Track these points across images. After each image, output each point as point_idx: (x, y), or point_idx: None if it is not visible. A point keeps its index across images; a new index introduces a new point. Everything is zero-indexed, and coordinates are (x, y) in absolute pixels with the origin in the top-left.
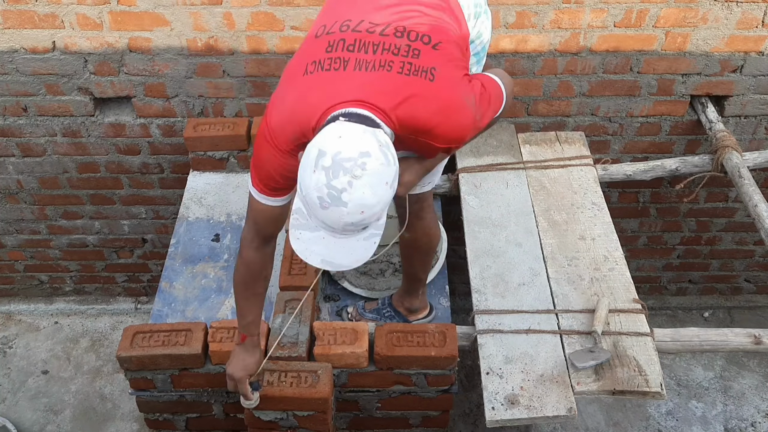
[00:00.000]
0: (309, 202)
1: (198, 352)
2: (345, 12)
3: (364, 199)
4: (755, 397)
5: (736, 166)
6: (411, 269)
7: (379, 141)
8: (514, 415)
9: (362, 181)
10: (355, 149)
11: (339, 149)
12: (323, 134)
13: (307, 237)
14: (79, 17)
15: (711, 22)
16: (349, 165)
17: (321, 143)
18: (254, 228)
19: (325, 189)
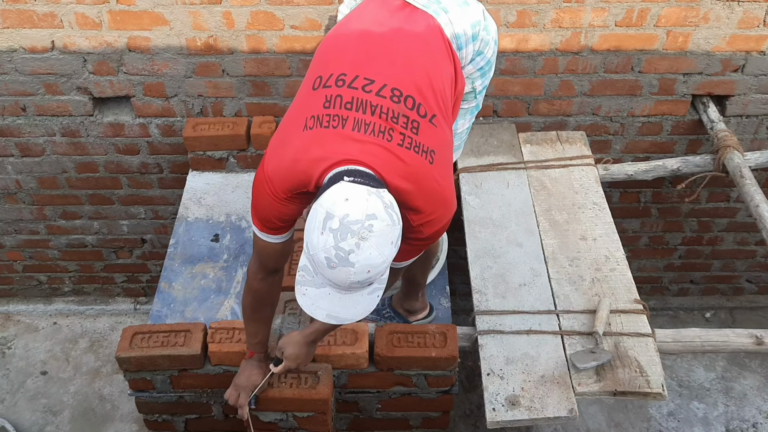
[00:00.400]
0: (316, 261)
1: (197, 352)
2: (339, 63)
3: (371, 259)
4: (757, 398)
5: (737, 166)
6: (409, 274)
7: (384, 202)
8: (515, 416)
9: (369, 243)
10: (362, 212)
11: (347, 212)
12: (330, 196)
13: (313, 293)
14: (78, 16)
15: (712, 21)
16: (356, 228)
17: (329, 206)
18: (258, 261)
19: (333, 250)
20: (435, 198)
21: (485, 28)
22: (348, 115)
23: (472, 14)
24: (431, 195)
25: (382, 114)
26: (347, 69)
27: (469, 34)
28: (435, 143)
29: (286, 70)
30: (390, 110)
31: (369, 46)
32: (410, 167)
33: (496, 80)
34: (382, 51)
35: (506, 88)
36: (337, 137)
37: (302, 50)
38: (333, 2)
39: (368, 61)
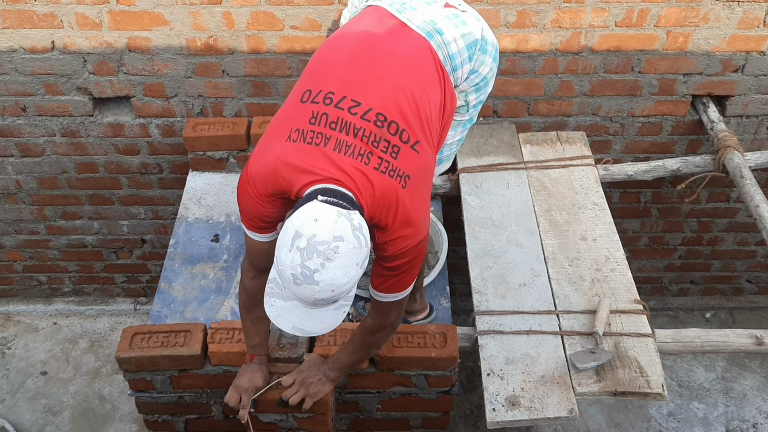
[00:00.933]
0: (284, 276)
1: (197, 353)
2: (329, 80)
3: (335, 279)
4: (757, 398)
5: (737, 167)
6: None
7: (353, 225)
8: (515, 417)
9: (334, 264)
10: (329, 233)
11: (314, 232)
12: (301, 214)
13: (281, 305)
14: (78, 17)
15: (712, 21)
16: (322, 248)
17: (298, 224)
18: (248, 259)
19: (299, 268)
20: (401, 217)
21: (482, 47)
22: (331, 135)
23: (469, 35)
24: (398, 217)
25: (364, 137)
26: (336, 87)
27: (465, 55)
28: (413, 169)
29: (286, 70)
30: (372, 134)
31: (359, 65)
32: (378, 191)
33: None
34: (372, 73)
35: (506, 89)
36: (319, 154)
37: (302, 50)
38: (333, 2)
39: (356, 82)
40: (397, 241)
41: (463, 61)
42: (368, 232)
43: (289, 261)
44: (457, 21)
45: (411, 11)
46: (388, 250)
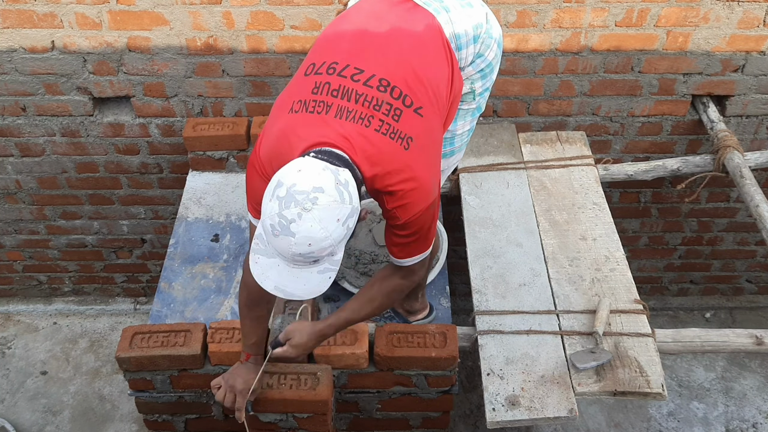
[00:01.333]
0: (264, 228)
1: (197, 352)
2: (333, 52)
3: (312, 231)
4: (757, 398)
5: (737, 166)
6: None
7: (338, 179)
8: (515, 417)
9: (311, 215)
10: (309, 184)
11: (295, 181)
12: (286, 166)
13: (264, 262)
14: (78, 16)
15: (712, 21)
16: (300, 198)
17: (281, 174)
18: None
19: (276, 218)
20: (406, 180)
21: (487, 30)
22: (333, 102)
23: (475, 16)
24: (404, 180)
25: (366, 102)
26: (339, 58)
27: (471, 35)
28: (416, 131)
29: (286, 70)
30: (374, 98)
31: (364, 38)
32: (378, 151)
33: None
34: (376, 44)
35: (506, 88)
36: (319, 122)
37: (302, 50)
38: (333, 2)
39: (361, 52)
40: (406, 206)
41: (468, 41)
42: (356, 191)
43: (269, 210)
44: (464, 2)
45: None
46: (400, 217)
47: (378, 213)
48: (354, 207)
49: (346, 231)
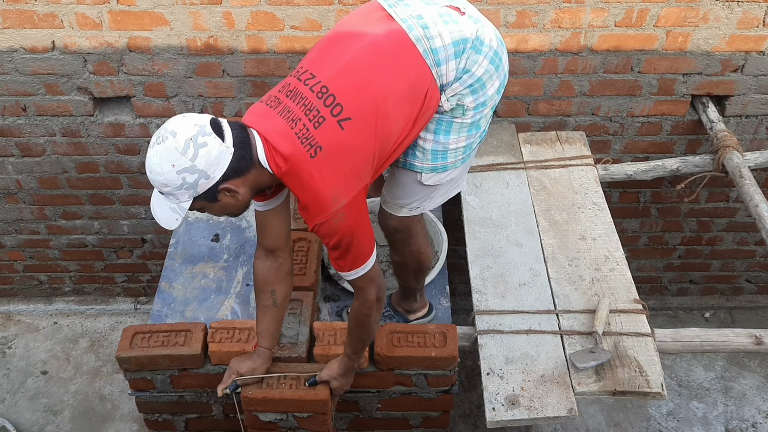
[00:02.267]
0: None
1: (197, 352)
2: (315, 58)
3: (152, 162)
4: (756, 398)
5: (737, 166)
6: (404, 283)
7: (195, 138)
8: (515, 416)
9: (156, 149)
10: (172, 126)
11: (170, 120)
12: None
13: None
14: (79, 17)
15: (712, 21)
16: (160, 133)
17: None
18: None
19: None
20: (306, 189)
21: (474, 47)
22: (284, 101)
23: (458, 32)
24: (303, 185)
25: (303, 105)
26: (306, 63)
27: (451, 51)
28: (329, 142)
29: (286, 70)
30: (311, 103)
31: (329, 46)
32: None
33: None
34: (335, 53)
35: (506, 88)
36: (267, 113)
37: (302, 50)
38: (333, 2)
39: (321, 60)
40: (312, 218)
41: (448, 56)
42: (209, 157)
43: None
44: (448, 19)
45: (403, 6)
46: (315, 230)
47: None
48: (194, 165)
49: (182, 182)
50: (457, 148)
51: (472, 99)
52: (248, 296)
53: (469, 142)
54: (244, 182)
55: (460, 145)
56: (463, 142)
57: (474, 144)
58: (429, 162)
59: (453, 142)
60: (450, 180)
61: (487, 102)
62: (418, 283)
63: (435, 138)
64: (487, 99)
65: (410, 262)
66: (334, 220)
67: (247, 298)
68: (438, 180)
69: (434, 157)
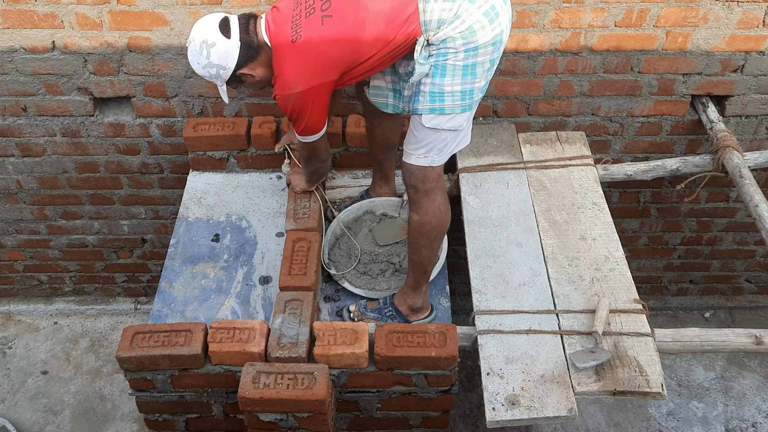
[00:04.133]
0: None
1: (198, 352)
2: None
3: (190, 62)
4: (756, 398)
5: (737, 166)
6: (417, 257)
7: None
8: (515, 416)
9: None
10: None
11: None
12: None
13: None
14: (79, 17)
15: (712, 21)
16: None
17: None
18: None
19: None
20: (278, 66)
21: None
22: None
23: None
24: (277, 63)
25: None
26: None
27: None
28: (309, 33)
29: None
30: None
31: None
32: (277, 32)
33: (495, 80)
34: None
35: (506, 89)
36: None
37: None
38: None
39: None
40: (275, 90)
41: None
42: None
43: None
44: None
45: None
46: (275, 98)
47: (378, 213)
48: (210, 62)
49: (209, 73)
50: (453, 91)
51: (462, 42)
52: (248, 296)
53: (465, 88)
54: (258, 64)
55: (456, 89)
56: (459, 87)
57: (472, 92)
58: (428, 104)
59: (448, 84)
60: (452, 129)
61: (479, 48)
62: (430, 259)
63: (432, 81)
64: (478, 46)
65: (430, 221)
66: (288, 99)
67: (247, 298)
68: (437, 123)
69: (432, 98)
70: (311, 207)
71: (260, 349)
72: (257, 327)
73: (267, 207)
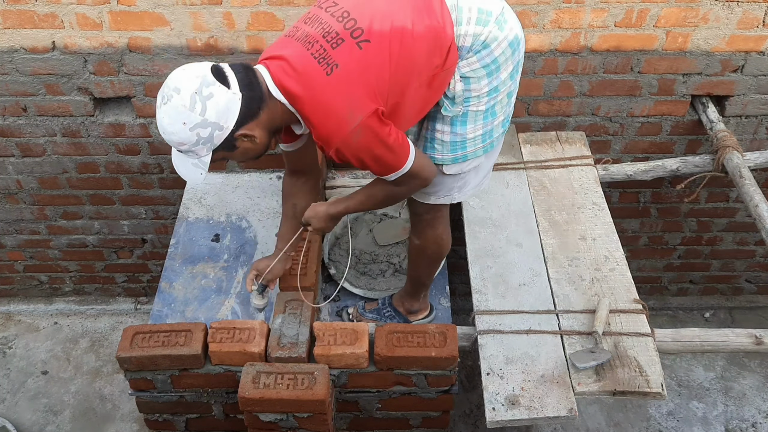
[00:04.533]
0: None
1: (198, 352)
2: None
3: (163, 123)
4: (756, 398)
5: (737, 167)
6: (415, 274)
7: (200, 90)
8: (515, 416)
9: (163, 109)
10: (174, 82)
11: (171, 76)
12: None
13: None
14: (79, 17)
15: (712, 21)
16: (164, 91)
17: None
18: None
19: None
20: (320, 108)
21: (498, 21)
22: (302, 28)
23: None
24: (317, 104)
25: (321, 29)
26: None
27: (474, 15)
28: (346, 60)
29: None
30: (329, 27)
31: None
32: (301, 74)
33: None
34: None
35: None
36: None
37: None
38: None
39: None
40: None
41: (471, 18)
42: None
43: None
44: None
45: None
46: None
47: (378, 213)
48: (206, 120)
49: (197, 138)
50: (475, 136)
51: (486, 82)
52: (248, 296)
53: (487, 130)
54: (258, 124)
55: (478, 133)
56: (481, 130)
57: (494, 132)
58: (449, 153)
59: (470, 131)
60: (474, 168)
61: (500, 87)
62: (429, 276)
63: (452, 130)
64: (500, 84)
65: (430, 246)
66: (353, 138)
67: (247, 298)
68: (459, 169)
69: (453, 148)
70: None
71: (260, 349)
72: (257, 327)
73: (267, 207)
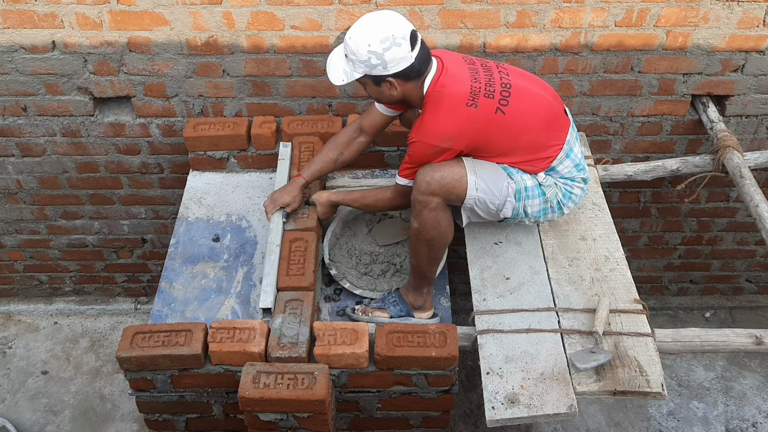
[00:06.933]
0: None
1: (198, 352)
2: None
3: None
4: (756, 398)
5: (737, 166)
6: (417, 262)
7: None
8: (514, 414)
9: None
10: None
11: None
12: None
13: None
14: (79, 16)
15: (712, 21)
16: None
17: None
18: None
19: None
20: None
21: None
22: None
23: None
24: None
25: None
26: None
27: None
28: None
29: (287, 70)
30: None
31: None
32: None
33: None
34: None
35: None
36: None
37: (302, 50)
38: (333, 2)
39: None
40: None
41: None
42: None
43: None
44: None
45: None
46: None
47: (378, 213)
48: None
49: (366, 59)
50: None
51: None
52: (248, 296)
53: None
54: (403, 85)
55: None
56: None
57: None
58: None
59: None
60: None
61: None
62: (430, 267)
63: None
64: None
65: (429, 230)
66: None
67: (247, 298)
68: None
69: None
70: (310, 208)
71: (260, 349)
72: (257, 327)
73: None
